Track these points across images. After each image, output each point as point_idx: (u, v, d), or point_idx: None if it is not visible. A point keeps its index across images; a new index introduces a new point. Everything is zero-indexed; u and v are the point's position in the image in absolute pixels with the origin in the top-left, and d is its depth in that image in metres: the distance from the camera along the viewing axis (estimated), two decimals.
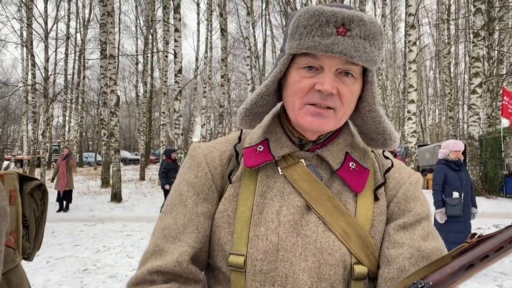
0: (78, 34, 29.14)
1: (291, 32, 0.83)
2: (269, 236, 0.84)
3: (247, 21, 21.13)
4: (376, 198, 0.90)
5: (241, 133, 1.00)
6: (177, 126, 14.42)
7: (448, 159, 5.55)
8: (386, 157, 0.98)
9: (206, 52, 26.91)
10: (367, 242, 0.85)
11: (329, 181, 0.90)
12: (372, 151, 0.99)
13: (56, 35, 28.11)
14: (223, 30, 19.75)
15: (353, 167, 0.91)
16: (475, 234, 0.72)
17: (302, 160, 0.91)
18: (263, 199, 0.88)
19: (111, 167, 14.98)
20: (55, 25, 26.01)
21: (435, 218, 5.51)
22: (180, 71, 14.53)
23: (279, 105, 0.99)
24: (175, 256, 0.86)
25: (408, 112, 13.39)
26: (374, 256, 0.86)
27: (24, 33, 20.66)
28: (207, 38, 26.64)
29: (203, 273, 0.94)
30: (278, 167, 0.91)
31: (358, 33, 0.80)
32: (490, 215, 9.79)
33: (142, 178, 21.72)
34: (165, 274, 0.86)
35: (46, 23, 23.40)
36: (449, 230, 5.33)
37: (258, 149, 0.92)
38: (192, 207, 0.91)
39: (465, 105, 31.45)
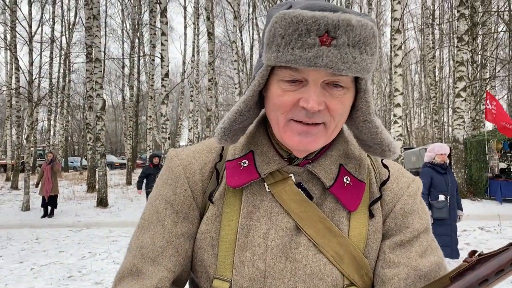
0: (63, 38, 28.83)
1: (267, 42, 0.71)
2: (256, 263, 0.78)
3: (234, 25, 21.13)
4: (371, 215, 0.83)
5: (222, 149, 0.89)
6: (164, 130, 14.32)
7: (434, 162, 5.60)
8: (384, 165, 0.88)
9: (193, 55, 26.85)
10: (361, 263, 0.80)
11: (320, 198, 0.83)
12: (368, 155, 0.91)
13: (41, 38, 27.77)
14: (210, 34, 19.72)
15: (347, 182, 0.83)
16: (475, 252, 0.68)
17: (292, 175, 0.83)
18: (248, 221, 0.81)
19: (97, 171, 14.81)
20: (39, 28, 25.68)
21: None
22: (167, 75, 14.46)
23: (264, 110, 0.88)
24: (154, 282, 0.80)
25: (394, 115, 13.51)
26: (368, 276, 0.81)
27: (8, 36, 20.35)
28: (194, 42, 26.58)
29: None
30: (265, 183, 0.83)
31: (346, 40, 0.68)
32: (475, 217, 9.90)
33: (128, 182, 21.51)
34: None
35: (30, 26, 23.07)
36: (435, 233, 5.33)
37: (242, 164, 0.84)
38: (171, 227, 0.84)
39: (450, 109, 31.87)
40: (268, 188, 0.83)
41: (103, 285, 5.61)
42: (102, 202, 13.37)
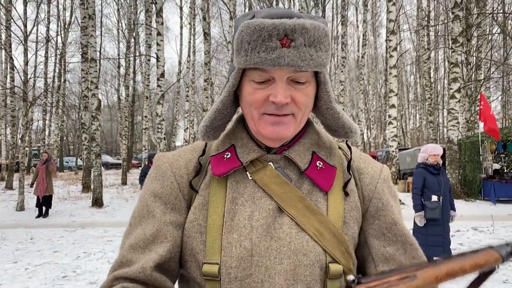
0: (59, 37, 28.76)
1: (237, 48, 0.82)
2: (243, 242, 0.83)
3: (230, 26, 21.17)
4: (346, 194, 0.91)
5: (205, 145, 0.98)
6: (159, 130, 14.32)
7: (427, 163, 5.64)
8: (349, 147, 0.99)
9: (189, 56, 26.86)
10: (340, 239, 0.86)
11: (298, 181, 0.90)
12: (339, 147, 1.00)
13: (36, 37, 27.67)
14: (206, 34, 19.73)
15: (320, 166, 0.92)
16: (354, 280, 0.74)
17: (270, 163, 0.91)
18: (234, 205, 0.87)
19: (92, 171, 14.79)
20: (34, 28, 25.60)
21: (414, 221, 5.60)
22: (162, 75, 14.46)
23: (240, 109, 0.98)
24: (140, 263, 0.85)
25: (389, 116, 13.60)
26: (348, 252, 0.86)
27: (3, 36, 20.30)
28: (190, 42, 26.60)
29: (175, 284, 0.92)
30: (247, 172, 0.91)
31: (303, 41, 0.79)
32: (469, 217, 9.97)
33: (124, 182, 21.49)
34: (130, 280, 0.84)
35: (25, 26, 23.02)
36: (428, 233, 5.42)
37: (225, 156, 0.92)
38: (160, 216, 0.89)
39: (444, 110, 32.03)
40: (250, 176, 0.90)
41: (98, 285, 5.61)
42: (97, 202, 13.35)
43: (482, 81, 18.16)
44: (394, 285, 0.72)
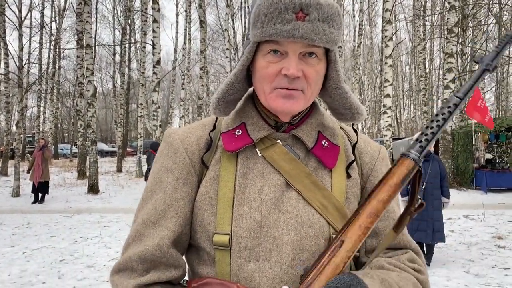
0: (54, 23, 28.49)
1: (253, 21, 0.86)
2: (253, 214, 0.89)
3: (226, 13, 21.08)
4: (348, 176, 0.98)
5: (216, 119, 1.02)
6: (155, 118, 14.33)
7: None
8: (355, 131, 1.06)
9: (184, 43, 26.70)
10: (343, 213, 0.92)
11: (305, 159, 0.96)
12: (341, 128, 1.06)
13: (31, 23, 27.43)
14: (202, 22, 19.64)
15: (325, 144, 0.97)
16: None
17: (279, 141, 0.96)
18: (244, 180, 0.92)
19: (87, 158, 14.81)
20: (29, 13, 25.36)
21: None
22: (158, 62, 14.43)
23: (251, 89, 1.02)
24: (156, 241, 0.89)
25: (384, 106, 13.67)
26: None
27: None
28: (185, 30, 26.42)
29: (184, 256, 0.98)
30: (257, 149, 0.95)
31: (317, 16, 0.82)
32: (461, 206, 10.13)
33: (119, 170, 21.51)
34: (145, 262, 0.89)
35: (20, 11, 22.81)
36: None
37: (236, 133, 0.96)
38: (171, 192, 0.93)
39: (439, 100, 32.16)
40: (260, 153, 0.95)
41: (95, 268, 5.71)
42: (93, 189, 13.39)
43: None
44: (327, 263, 0.78)
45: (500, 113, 31.15)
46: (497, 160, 13.79)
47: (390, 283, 0.85)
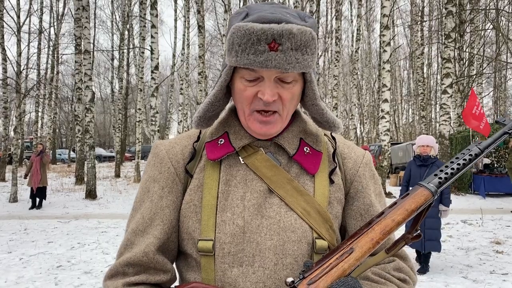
0: (52, 29, 28.53)
1: (228, 48, 0.87)
2: (235, 220, 0.91)
3: (224, 19, 21.12)
4: (331, 182, 0.99)
5: (200, 132, 1.05)
6: (153, 122, 14.33)
7: (416, 154, 5.75)
8: (333, 137, 1.07)
9: (183, 49, 26.76)
10: (325, 217, 0.94)
11: (287, 165, 0.98)
12: (325, 134, 1.08)
13: (29, 29, 27.46)
14: (201, 27, 19.68)
15: (307, 151, 0.99)
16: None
17: (261, 148, 0.99)
18: (227, 187, 0.95)
19: (85, 164, 14.77)
20: (27, 19, 25.38)
21: None
22: (156, 67, 14.44)
23: (232, 102, 1.05)
24: (142, 248, 0.93)
25: (382, 111, 13.70)
26: (333, 229, 0.95)
27: None
28: (184, 35, 26.49)
29: (173, 263, 1.01)
30: (240, 157, 0.98)
31: (290, 46, 0.83)
32: (458, 211, 10.13)
33: (117, 175, 21.46)
34: (135, 266, 0.93)
35: (18, 17, 22.84)
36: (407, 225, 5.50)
37: (219, 142, 0.99)
38: (157, 201, 0.97)
39: (437, 105, 32.24)
40: (243, 160, 0.98)
41: (92, 275, 5.68)
42: (91, 194, 13.36)
43: (474, 76, 18.31)
44: (335, 266, 0.81)
45: (498, 118, 31.19)
46: (495, 165, 13.80)
47: None
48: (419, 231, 0.88)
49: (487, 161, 13.99)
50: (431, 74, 35.26)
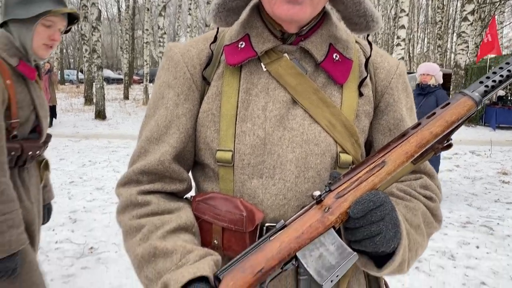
0: None
1: None
2: (256, 131, 0.86)
3: None
4: (360, 94, 0.91)
5: (217, 31, 0.95)
6: (161, 44, 14.01)
7: (417, 83, 5.47)
8: (369, 43, 0.95)
9: None
10: (351, 131, 0.87)
11: (313, 74, 0.90)
12: (357, 42, 0.97)
13: None
14: None
15: (337, 58, 0.89)
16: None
17: (286, 54, 0.89)
18: (248, 96, 0.88)
19: (94, 84, 14.70)
20: None
21: None
22: None
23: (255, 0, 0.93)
24: (158, 156, 0.88)
25: (398, 37, 13.20)
26: (358, 144, 0.89)
27: None
28: None
29: (189, 172, 0.97)
30: (262, 63, 0.89)
31: None
32: (468, 142, 10.11)
33: (126, 97, 21.49)
34: (150, 174, 0.89)
35: None
36: None
37: (239, 45, 0.89)
38: (172, 108, 0.90)
39: (454, 34, 31.11)
40: (265, 67, 0.89)
41: (104, 191, 5.83)
42: (100, 115, 13.45)
43: (498, 4, 17.40)
44: (364, 180, 0.75)
45: None
46: (509, 97, 13.55)
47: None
48: (451, 141, 0.81)
49: (501, 93, 13.74)
50: (451, 1, 33.61)
